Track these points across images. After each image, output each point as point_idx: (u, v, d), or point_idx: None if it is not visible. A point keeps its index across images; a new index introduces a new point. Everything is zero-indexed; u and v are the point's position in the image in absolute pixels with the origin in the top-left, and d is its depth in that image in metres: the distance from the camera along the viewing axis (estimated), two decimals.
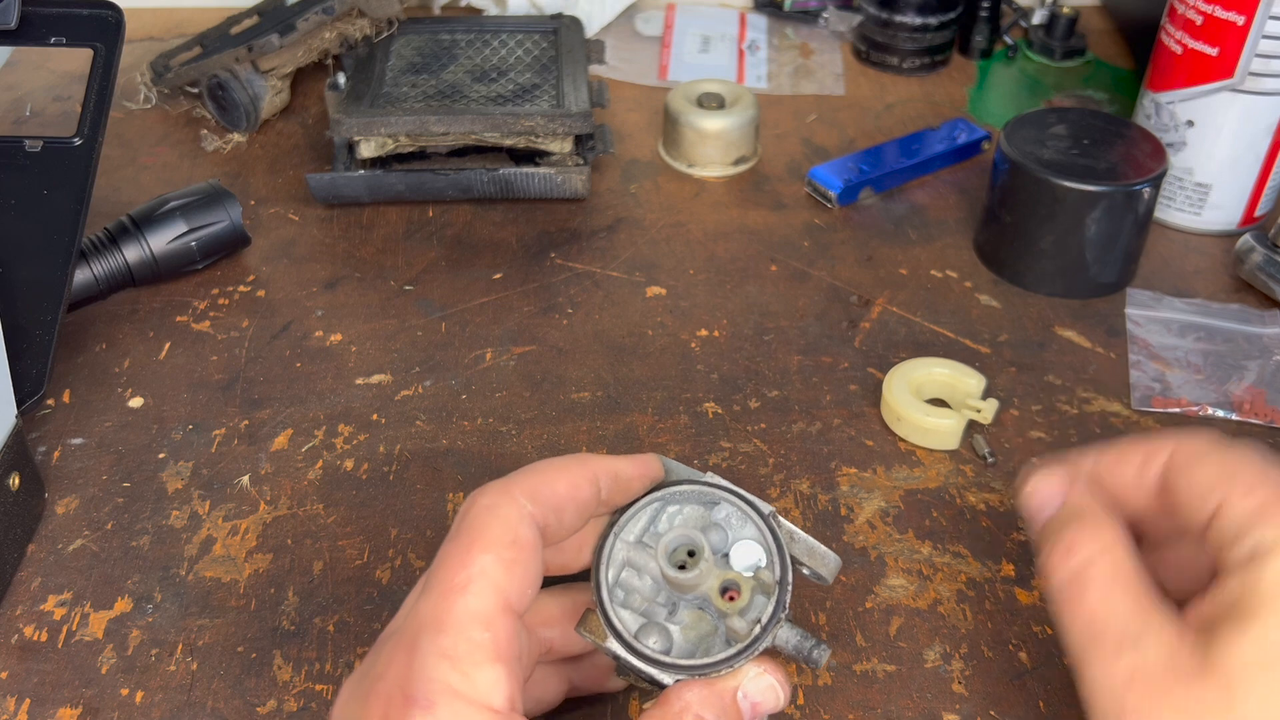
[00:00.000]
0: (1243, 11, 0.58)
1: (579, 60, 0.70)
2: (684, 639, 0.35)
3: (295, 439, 0.51)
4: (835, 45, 0.83)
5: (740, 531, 0.36)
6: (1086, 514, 0.36)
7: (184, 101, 0.74)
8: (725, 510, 0.37)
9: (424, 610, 0.31)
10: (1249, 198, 0.63)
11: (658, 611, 0.36)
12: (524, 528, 0.33)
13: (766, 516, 0.36)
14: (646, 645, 0.35)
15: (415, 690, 0.30)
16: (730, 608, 0.34)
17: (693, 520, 0.37)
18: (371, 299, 0.59)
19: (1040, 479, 0.38)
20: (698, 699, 0.33)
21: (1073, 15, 0.81)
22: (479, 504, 0.33)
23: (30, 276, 0.51)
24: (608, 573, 0.35)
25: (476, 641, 0.30)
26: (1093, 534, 0.35)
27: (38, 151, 0.55)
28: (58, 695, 0.41)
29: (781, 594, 0.35)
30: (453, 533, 0.33)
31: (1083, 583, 0.34)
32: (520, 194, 0.65)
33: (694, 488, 0.37)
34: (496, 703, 0.30)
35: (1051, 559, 0.35)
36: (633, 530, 0.36)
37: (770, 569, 0.35)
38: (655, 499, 0.37)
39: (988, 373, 0.54)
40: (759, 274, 0.61)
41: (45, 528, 0.47)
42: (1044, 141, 0.59)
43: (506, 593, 0.32)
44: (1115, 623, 0.32)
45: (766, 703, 0.34)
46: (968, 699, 0.41)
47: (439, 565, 0.32)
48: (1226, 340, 0.57)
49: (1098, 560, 0.34)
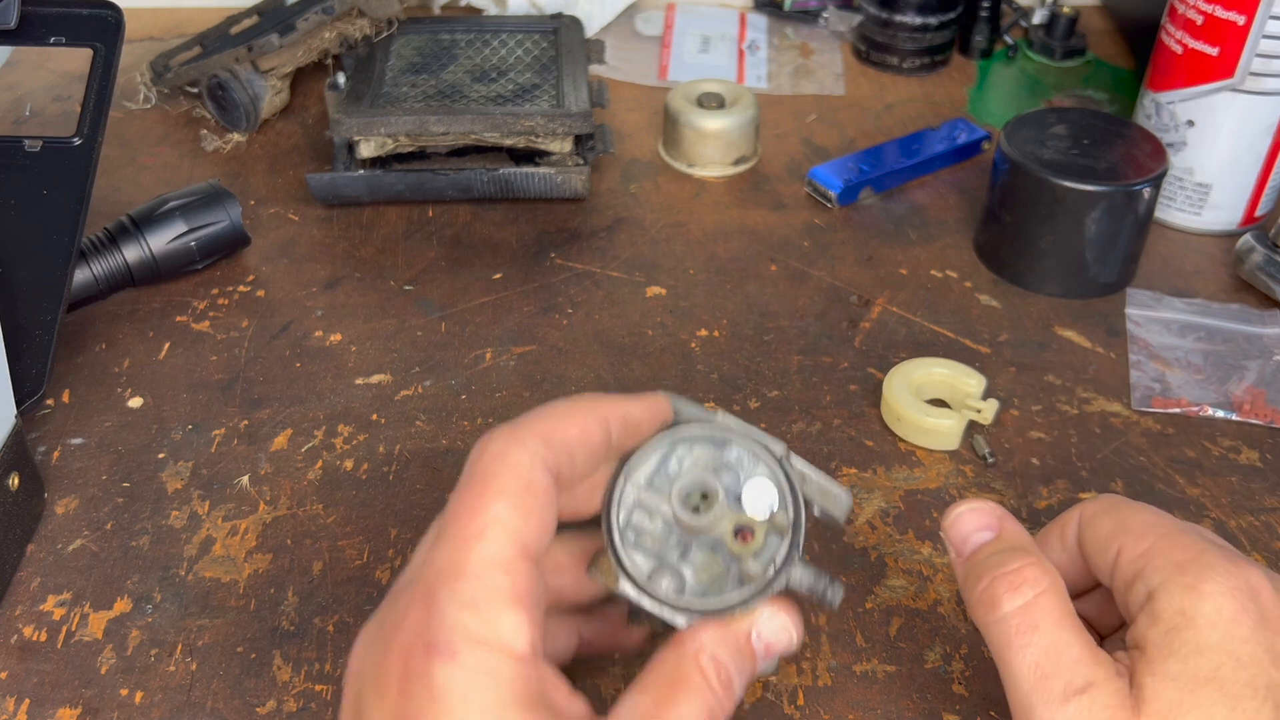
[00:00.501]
0: (1243, 11, 0.58)
1: (579, 60, 0.70)
2: (696, 580, 0.35)
3: (295, 439, 0.51)
4: (835, 45, 0.83)
5: (752, 471, 0.36)
6: (1029, 549, 0.36)
7: (184, 101, 0.74)
8: (736, 451, 0.36)
9: (440, 559, 0.31)
10: (1249, 198, 0.63)
11: (669, 553, 0.35)
12: (537, 473, 0.32)
13: (780, 457, 0.36)
14: (659, 587, 0.34)
15: (437, 638, 0.29)
16: (744, 550, 0.34)
17: (704, 461, 0.36)
18: (371, 299, 0.59)
19: (966, 509, 0.37)
20: (712, 640, 0.33)
21: (1073, 15, 0.81)
22: (489, 450, 0.32)
23: (30, 276, 0.51)
24: (618, 515, 0.35)
25: (496, 587, 0.30)
26: (1040, 570, 0.34)
27: (37, 151, 0.55)
28: (57, 695, 0.41)
29: (795, 535, 0.35)
30: (464, 480, 0.32)
31: (1033, 620, 0.33)
32: (520, 194, 0.65)
33: (706, 428, 0.36)
34: (519, 647, 0.30)
35: (994, 590, 0.34)
36: (643, 472, 0.36)
37: (784, 510, 0.35)
38: (665, 440, 0.36)
39: (988, 373, 0.54)
40: (759, 274, 0.61)
41: (45, 528, 0.47)
42: (1044, 141, 0.59)
43: (523, 538, 0.31)
44: (1065, 665, 0.33)
45: (779, 643, 0.35)
46: (968, 699, 0.41)
47: (452, 514, 0.32)
48: (1227, 340, 0.57)
49: (1046, 596, 0.34)
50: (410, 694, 0.29)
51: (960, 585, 0.36)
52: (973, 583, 0.35)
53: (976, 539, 0.37)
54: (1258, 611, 0.32)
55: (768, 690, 0.42)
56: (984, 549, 0.36)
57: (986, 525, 0.37)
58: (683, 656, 0.33)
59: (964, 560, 0.37)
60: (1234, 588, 0.32)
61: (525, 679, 0.30)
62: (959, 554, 0.37)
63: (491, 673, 0.29)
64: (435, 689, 0.29)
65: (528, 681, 0.30)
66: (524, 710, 0.29)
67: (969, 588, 0.36)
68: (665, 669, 0.33)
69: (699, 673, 0.33)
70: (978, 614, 0.35)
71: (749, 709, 0.41)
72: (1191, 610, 0.32)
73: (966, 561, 0.36)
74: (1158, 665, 0.32)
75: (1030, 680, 0.33)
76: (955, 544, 0.37)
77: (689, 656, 0.33)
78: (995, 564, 0.35)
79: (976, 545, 0.36)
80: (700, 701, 0.32)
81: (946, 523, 0.37)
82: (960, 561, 0.37)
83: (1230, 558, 0.34)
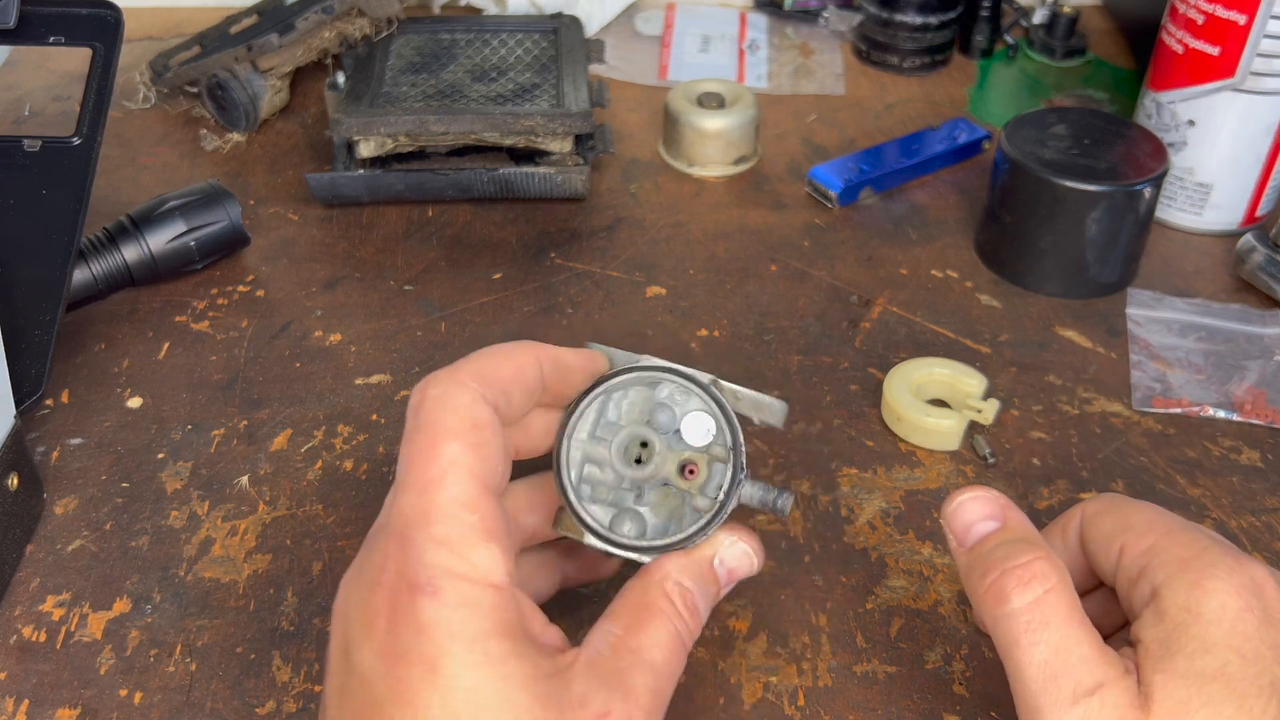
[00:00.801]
0: (1244, 11, 0.58)
1: (579, 60, 0.70)
2: (655, 518, 0.37)
3: (295, 439, 0.51)
4: (835, 45, 0.83)
5: (686, 405, 0.37)
6: (1038, 542, 0.35)
7: (183, 101, 0.74)
8: (667, 389, 0.38)
9: (406, 505, 0.32)
10: (1250, 197, 0.63)
11: (625, 498, 0.37)
12: (479, 409, 0.33)
13: (707, 385, 0.37)
14: (621, 533, 0.36)
15: (418, 578, 0.31)
16: (692, 485, 0.36)
17: (639, 405, 0.38)
18: (371, 299, 0.59)
19: (968, 497, 0.36)
20: (676, 568, 0.36)
21: (1073, 15, 0.81)
22: (429, 395, 0.34)
23: (29, 276, 0.51)
24: (569, 474, 0.37)
25: (467, 524, 0.32)
26: (1050, 564, 0.34)
27: (37, 151, 0.54)
28: (56, 696, 0.41)
29: (736, 457, 0.36)
30: (410, 429, 0.33)
31: (1042, 617, 0.33)
32: (520, 194, 0.65)
33: (634, 374, 0.37)
34: (496, 578, 0.32)
35: (1002, 584, 0.34)
36: (584, 428, 0.37)
37: (721, 434, 0.37)
38: (599, 393, 0.37)
39: (988, 373, 0.54)
40: (759, 274, 0.61)
41: (44, 528, 0.47)
42: (1044, 141, 0.59)
43: (481, 475, 0.33)
44: (1075, 665, 0.32)
45: (741, 568, 0.37)
46: (968, 700, 0.41)
47: (408, 462, 0.33)
48: (1227, 340, 0.57)
49: (1055, 593, 0.33)
50: (398, 631, 0.31)
51: (963, 576, 0.36)
52: (978, 575, 0.35)
53: (980, 529, 0.36)
54: (1261, 608, 0.32)
55: (768, 691, 0.42)
56: (989, 540, 0.35)
57: (990, 515, 0.36)
58: (649, 585, 0.35)
59: (967, 550, 0.36)
60: (1239, 585, 0.32)
61: (505, 608, 0.32)
62: (960, 543, 0.36)
63: (473, 604, 0.31)
64: (422, 623, 0.31)
65: (507, 610, 0.32)
66: (505, 638, 0.31)
67: (974, 580, 0.35)
68: (633, 596, 0.35)
69: (664, 598, 0.35)
70: (984, 608, 0.34)
71: (749, 709, 0.41)
72: (1197, 607, 0.32)
73: (970, 552, 0.36)
74: (1164, 662, 0.32)
75: (1039, 680, 0.32)
76: (957, 533, 0.36)
77: (655, 584, 0.35)
78: (1003, 557, 0.34)
79: (980, 535, 0.36)
80: (668, 626, 0.34)
81: (948, 510, 0.37)
82: (962, 551, 0.36)
83: (1234, 554, 0.34)
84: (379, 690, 0.31)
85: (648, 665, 0.34)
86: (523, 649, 0.32)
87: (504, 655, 0.31)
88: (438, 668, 0.30)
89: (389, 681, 0.31)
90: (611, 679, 0.33)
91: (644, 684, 0.33)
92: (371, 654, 0.31)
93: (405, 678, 0.31)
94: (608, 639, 0.34)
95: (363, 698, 0.31)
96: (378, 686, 0.31)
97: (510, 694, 0.31)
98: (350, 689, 0.32)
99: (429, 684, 0.30)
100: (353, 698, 0.32)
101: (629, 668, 0.33)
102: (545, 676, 0.32)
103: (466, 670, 0.30)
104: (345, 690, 0.32)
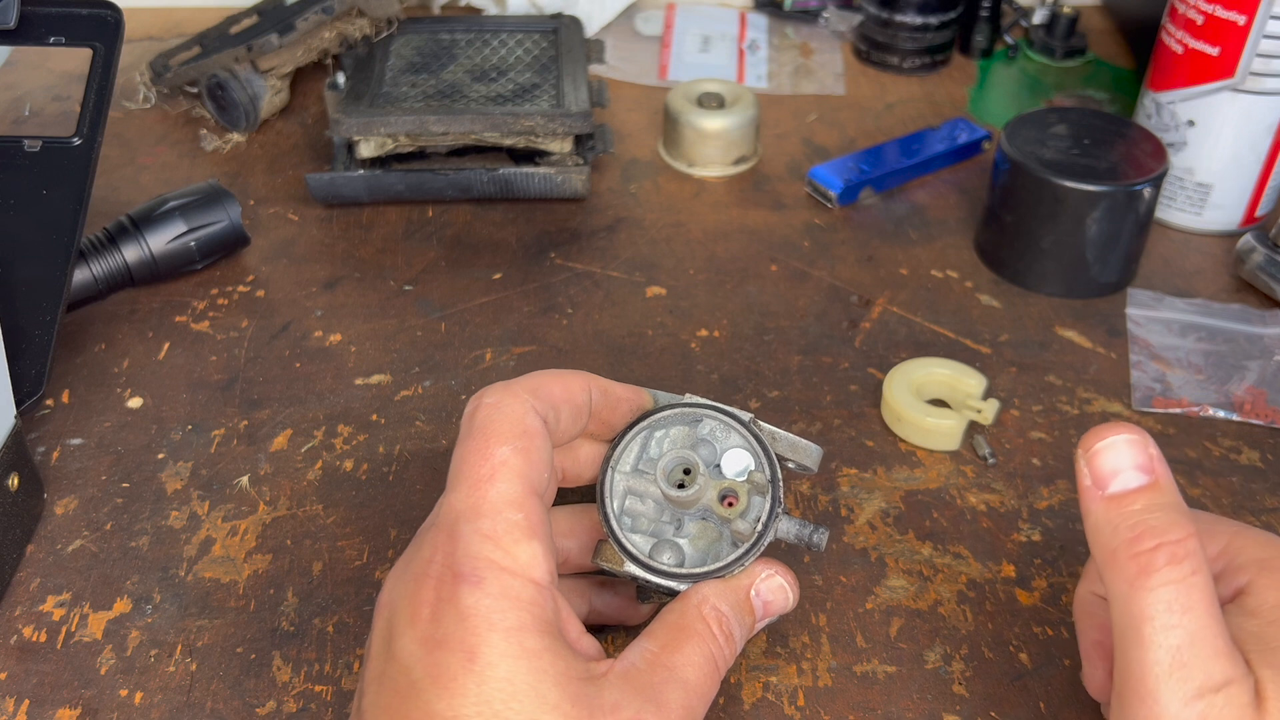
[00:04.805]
0: (1244, 11, 0.58)
1: (579, 60, 0.70)
2: (694, 550, 0.39)
3: (294, 439, 0.51)
4: (835, 45, 0.83)
5: (726, 442, 0.39)
6: (1190, 515, 0.32)
7: (183, 101, 0.74)
8: (709, 425, 0.39)
9: (457, 502, 0.34)
10: (1250, 197, 0.63)
11: (665, 529, 0.39)
12: (530, 418, 0.35)
13: (747, 423, 0.38)
14: (661, 561, 0.37)
15: (463, 567, 0.32)
16: (731, 513, 0.37)
17: (681, 440, 0.39)
18: (371, 299, 0.59)
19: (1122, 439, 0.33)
20: (714, 593, 0.36)
21: (1073, 15, 0.81)
22: (485, 403, 0.35)
23: (29, 276, 0.51)
24: (613, 504, 0.38)
25: (512, 522, 0.33)
26: (1199, 545, 0.31)
27: (37, 151, 0.54)
28: (57, 696, 0.41)
29: (775, 490, 0.38)
30: (465, 433, 0.35)
31: (1187, 600, 0.30)
32: (520, 194, 0.65)
33: (678, 410, 0.39)
34: (537, 575, 0.33)
35: (1155, 557, 0.31)
36: (627, 461, 0.39)
37: (760, 470, 0.38)
38: (642, 428, 0.39)
39: (988, 373, 0.54)
40: (759, 274, 0.61)
41: (44, 528, 0.47)
42: (1045, 141, 0.59)
43: (529, 478, 0.34)
44: (1207, 657, 0.30)
45: (777, 602, 0.38)
46: (968, 700, 0.41)
47: (461, 463, 0.34)
48: (1227, 340, 0.57)
49: (1201, 576, 0.31)
50: (440, 618, 0.32)
51: (1094, 526, 0.32)
52: (1123, 536, 0.31)
53: (1128, 480, 0.32)
54: None
55: (768, 691, 0.42)
56: (1137, 497, 0.32)
57: (1141, 466, 0.32)
58: (687, 607, 0.36)
59: (1107, 500, 0.32)
60: None
61: (543, 605, 0.33)
62: (1099, 486, 0.32)
63: (514, 596, 0.32)
64: (464, 611, 0.32)
65: (545, 607, 0.33)
66: (542, 634, 0.32)
67: (1113, 537, 0.32)
68: (670, 618, 0.36)
69: (701, 620, 0.36)
70: (1119, 573, 0.31)
71: (749, 709, 0.41)
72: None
73: (1112, 505, 0.32)
74: (1269, 658, 0.31)
75: (1165, 665, 0.30)
76: (1097, 475, 0.33)
77: (692, 607, 0.36)
78: (1157, 526, 0.31)
79: (1126, 488, 0.32)
80: (703, 648, 0.35)
81: (1092, 446, 0.33)
82: (1099, 497, 0.32)
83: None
84: (417, 675, 0.32)
85: (681, 682, 0.34)
86: (558, 647, 0.32)
87: (539, 650, 0.32)
88: (476, 655, 0.31)
89: (427, 666, 0.32)
90: (645, 691, 0.33)
91: (677, 700, 0.34)
92: (413, 640, 0.32)
93: (444, 663, 0.31)
94: (643, 654, 0.35)
95: (401, 682, 0.32)
96: (416, 671, 0.32)
97: (543, 688, 0.31)
98: (389, 675, 0.32)
99: (466, 671, 0.31)
100: (391, 683, 0.32)
101: (663, 682, 0.34)
102: (578, 679, 0.32)
103: (503, 660, 0.31)
104: (383, 676, 0.33)
